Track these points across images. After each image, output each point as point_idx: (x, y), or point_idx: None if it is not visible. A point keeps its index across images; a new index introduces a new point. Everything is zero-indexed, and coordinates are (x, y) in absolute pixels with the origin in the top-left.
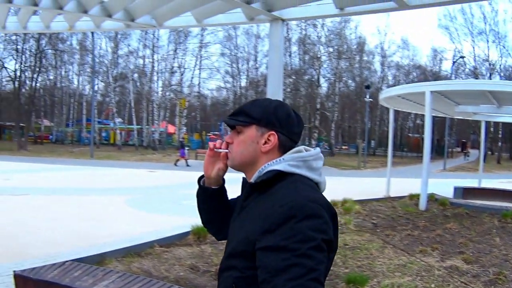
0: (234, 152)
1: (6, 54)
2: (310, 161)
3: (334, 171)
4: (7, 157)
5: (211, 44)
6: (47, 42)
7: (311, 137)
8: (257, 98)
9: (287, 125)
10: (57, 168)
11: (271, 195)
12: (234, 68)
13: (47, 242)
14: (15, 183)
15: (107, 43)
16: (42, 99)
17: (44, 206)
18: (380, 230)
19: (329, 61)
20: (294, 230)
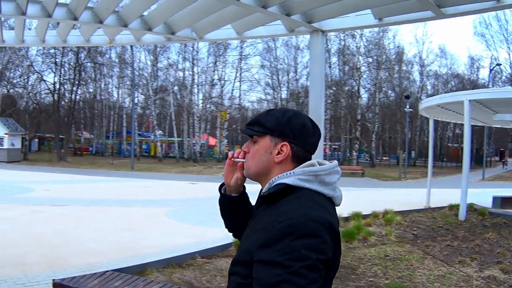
0: (249, 162)
1: (45, 67)
2: (322, 175)
3: (375, 182)
4: (46, 168)
5: (251, 56)
6: (86, 56)
7: (352, 148)
8: (273, 108)
9: (301, 135)
10: (97, 180)
11: (276, 208)
12: (275, 80)
13: (87, 252)
14: (54, 193)
15: (147, 56)
16: (82, 111)
17: (85, 216)
18: (421, 241)
19: (368, 71)
20: (289, 247)
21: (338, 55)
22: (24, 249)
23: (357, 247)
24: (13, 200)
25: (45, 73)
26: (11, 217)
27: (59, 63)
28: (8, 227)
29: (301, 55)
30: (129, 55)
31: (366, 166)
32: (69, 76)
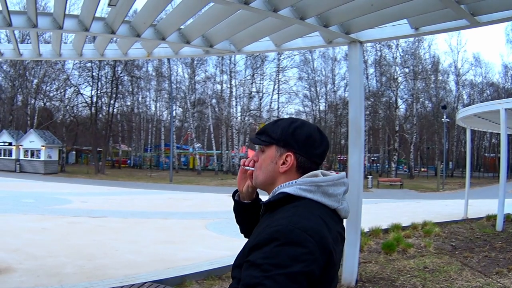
0: (257, 171)
1: (82, 81)
2: (325, 186)
3: (413, 193)
4: (84, 180)
5: (288, 68)
6: (123, 69)
7: (390, 160)
8: (281, 118)
9: (306, 146)
10: (136, 192)
11: (273, 216)
12: (313, 91)
13: (125, 264)
14: (92, 205)
15: (184, 69)
16: (120, 124)
17: (123, 228)
18: (459, 252)
19: (405, 82)
20: (272, 252)
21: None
22: (61, 260)
23: (396, 259)
24: (50, 211)
25: (82, 87)
26: (48, 228)
27: (96, 77)
28: (45, 238)
29: (338, 66)
30: (166, 68)
31: (404, 178)
32: (106, 89)
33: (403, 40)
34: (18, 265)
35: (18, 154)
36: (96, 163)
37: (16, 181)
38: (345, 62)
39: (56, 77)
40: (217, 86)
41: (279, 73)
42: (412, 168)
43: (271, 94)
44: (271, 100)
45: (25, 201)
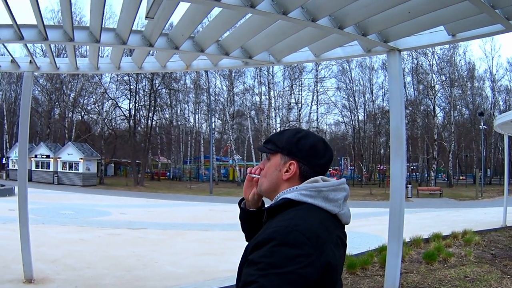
0: (262, 178)
1: (119, 94)
2: (325, 191)
3: (453, 202)
4: (123, 192)
5: (326, 78)
6: (161, 82)
7: (430, 168)
8: (288, 128)
9: (309, 156)
10: (175, 204)
11: (274, 220)
12: (351, 101)
13: (165, 275)
14: (131, 217)
15: (222, 81)
16: (159, 137)
17: (162, 240)
18: (499, 260)
19: (442, 89)
20: (269, 252)
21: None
22: (99, 271)
23: (437, 269)
24: (89, 223)
25: (120, 100)
26: (87, 239)
27: (133, 90)
28: (84, 249)
29: (376, 75)
30: (205, 81)
31: (443, 186)
32: (144, 102)
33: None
34: (56, 276)
35: (56, 167)
36: (135, 175)
37: (54, 193)
38: (382, 71)
39: (94, 90)
40: (256, 97)
41: (318, 83)
42: (451, 177)
43: (310, 104)
44: (310, 111)
45: (63, 213)
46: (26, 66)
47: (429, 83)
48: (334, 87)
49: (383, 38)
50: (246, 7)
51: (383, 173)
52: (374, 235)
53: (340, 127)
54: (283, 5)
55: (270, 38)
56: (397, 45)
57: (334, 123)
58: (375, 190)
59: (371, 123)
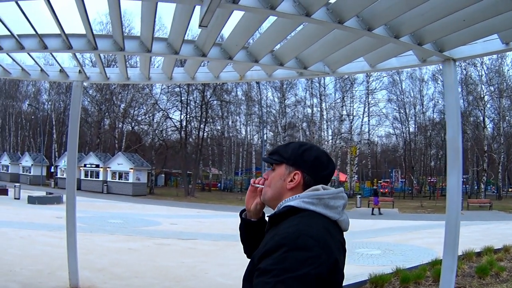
0: (266, 187)
1: (170, 105)
2: (326, 199)
3: (503, 215)
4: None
5: (377, 90)
6: (212, 93)
7: (480, 181)
8: (293, 141)
9: (313, 167)
10: (226, 215)
11: (279, 227)
12: (402, 113)
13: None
14: (181, 227)
15: (274, 93)
16: (210, 148)
17: (213, 251)
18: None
19: (491, 100)
20: (281, 258)
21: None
22: (148, 281)
23: (490, 283)
24: (138, 232)
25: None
26: (136, 249)
27: (184, 101)
28: (133, 259)
29: (426, 87)
30: (256, 92)
31: (493, 199)
32: (195, 113)
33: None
34: (102, 285)
35: (105, 176)
36: (186, 186)
37: (103, 202)
38: (432, 83)
39: (144, 101)
40: (308, 109)
41: (369, 95)
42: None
43: (362, 116)
44: (362, 123)
45: (112, 222)
46: (75, 76)
47: (478, 94)
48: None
49: (438, 47)
50: (301, 16)
51: (433, 186)
52: (425, 248)
53: (391, 139)
54: (339, 14)
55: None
56: (452, 54)
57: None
58: (426, 203)
59: (421, 135)
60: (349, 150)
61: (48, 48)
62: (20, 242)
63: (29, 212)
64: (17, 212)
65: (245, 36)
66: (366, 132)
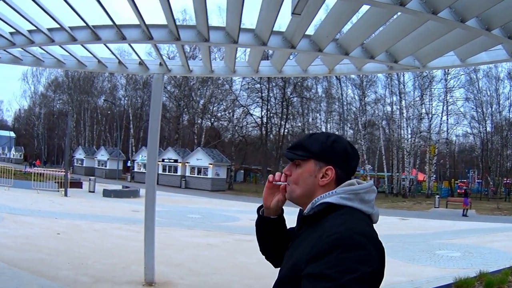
0: (292, 185)
1: (250, 102)
2: (362, 193)
3: None
4: (252, 199)
5: (455, 88)
6: (293, 90)
7: None
8: (314, 132)
9: (344, 160)
10: None
11: (321, 226)
12: (479, 112)
13: None
14: None
15: (354, 90)
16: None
17: None
18: None
19: None
20: (338, 260)
21: None
22: (227, 278)
23: None
24: (217, 228)
25: (251, 107)
26: (215, 245)
27: (265, 98)
28: (212, 255)
29: (502, 85)
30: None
31: None
32: (276, 110)
33: None
34: (179, 280)
35: (184, 171)
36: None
37: (182, 196)
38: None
39: (224, 97)
40: (387, 107)
41: (447, 93)
42: None
43: (440, 115)
44: (441, 122)
45: (190, 217)
46: (155, 68)
47: None
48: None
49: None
50: (395, 5)
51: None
52: (503, 251)
53: (468, 139)
54: (433, 5)
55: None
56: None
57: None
58: (502, 205)
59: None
60: (428, 149)
61: (126, 39)
62: (94, 235)
63: (103, 205)
64: (91, 205)
65: (336, 27)
66: (444, 131)
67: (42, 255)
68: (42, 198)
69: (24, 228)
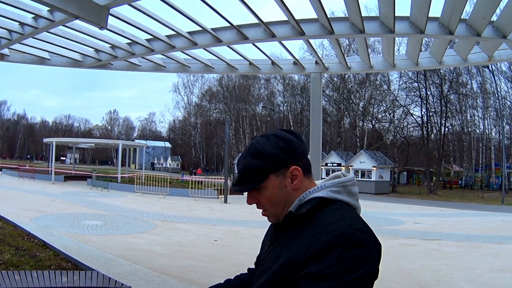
0: (270, 208)
1: (409, 101)
2: (349, 186)
3: None
4: (416, 201)
5: None
6: (450, 87)
7: None
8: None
9: (294, 151)
10: (468, 214)
11: (314, 223)
12: None
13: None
14: (425, 227)
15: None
16: (450, 144)
17: (457, 253)
18: None
19: None
20: (339, 259)
21: None
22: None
23: None
24: (382, 232)
25: (411, 107)
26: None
27: (423, 97)
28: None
29: None
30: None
31: None
32: (435, 109)
33: None
34: None
35: None
36: (428, 184)
37: None
38: None
39: (383, 98)
40: None
41: None
42: None
43: None
44: None
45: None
46: (312, 67)
47: None
48: None
49: None
50: None
51: None
52: None
53: None
54: None
55: None
56: None
57: None
58: None
59: None
60: None
61: (276, 37)
62: (254, 241)
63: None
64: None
65: (493, 6)
66: None
67: (195, 262)
68: (200, 205)
69: (178, 235)
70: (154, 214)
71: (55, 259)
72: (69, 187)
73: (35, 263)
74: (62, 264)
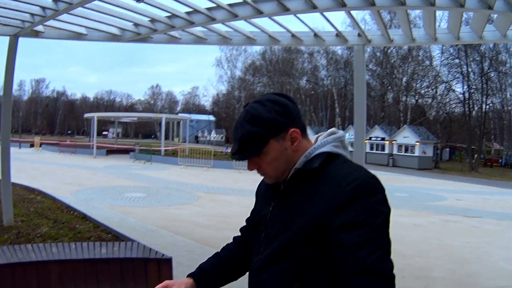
0: (271, 172)
1: (451, 77)
2: (344, 140)
3: None
4: (457, 177)
5: None
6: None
7: None
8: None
9: (291, 114)
10: (508, 192)
11: (326, 176)
12: None
13: (498, 273)
14: (466, 204)
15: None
16: (492, 122)
17: (497, 231)
18: None
19: None
20: (365, 206)
21: None
22: (431, 261)
23: None
24: (424, 208)
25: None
26: (421, 225)
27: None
28: (417, 235)
29: None
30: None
31: None
32: (476, 86)
33: None
34: None
35: (391, 149)
36: (470, 161)
37: (388, 175)
38: None
39: (426, 74)
40: None
41: None
42: None
43: None
44: None
45: (398, 195)
46: (355, 39)
47: None
48: None
49: None
50: None
51: None
52: None
53: None
54: None
55: None
56: None
57: None
58: None
59: None
60: None
61: (317, 8)
62: None
63: None
64: None
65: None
66: None
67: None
68: (244, 177)
69: (221, 206)
70: (198, 186)
71: (95, 231)
72: (111, 160)
73: (74, 235)
74: (102, 235)
